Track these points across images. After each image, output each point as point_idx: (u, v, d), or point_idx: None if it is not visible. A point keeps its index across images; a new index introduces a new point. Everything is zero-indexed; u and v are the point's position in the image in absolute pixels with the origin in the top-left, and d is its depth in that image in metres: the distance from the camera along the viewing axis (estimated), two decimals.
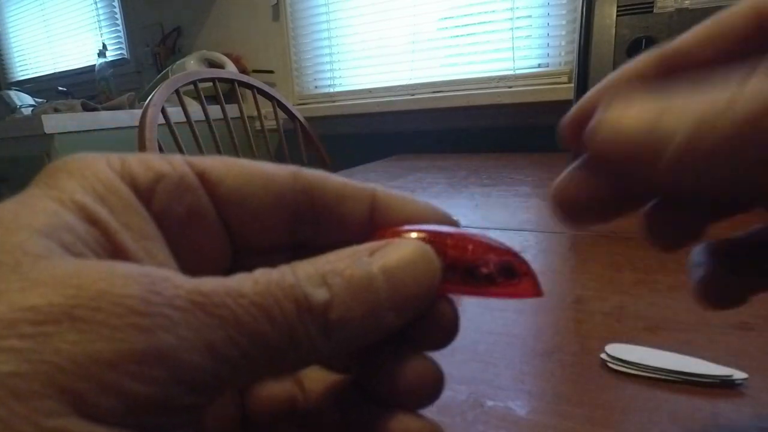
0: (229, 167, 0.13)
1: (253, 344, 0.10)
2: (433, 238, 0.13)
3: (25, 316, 0.08)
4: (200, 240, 0.13)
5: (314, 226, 0.14)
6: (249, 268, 0.14)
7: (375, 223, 0.14)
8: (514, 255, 0.13)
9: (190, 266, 0.13)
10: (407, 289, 0.11)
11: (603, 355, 0.24)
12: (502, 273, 0.13)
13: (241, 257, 0.14)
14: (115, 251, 0.11)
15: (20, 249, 0.09)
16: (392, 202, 0.14)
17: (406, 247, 0.12)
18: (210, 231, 0.13)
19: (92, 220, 0.11)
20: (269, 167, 0.14)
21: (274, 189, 0.13)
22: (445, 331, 0.13)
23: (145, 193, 0.12)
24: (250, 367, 0.10)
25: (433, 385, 0.13)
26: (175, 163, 0.13)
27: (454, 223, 0.14)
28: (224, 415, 0.14)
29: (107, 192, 0.12)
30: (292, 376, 0.15)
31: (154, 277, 0.09)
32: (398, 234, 0.13)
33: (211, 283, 0.10)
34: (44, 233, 0.10)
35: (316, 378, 0.15)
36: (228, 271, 0.14)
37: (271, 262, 0.14)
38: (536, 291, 0.13)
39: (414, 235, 0.13)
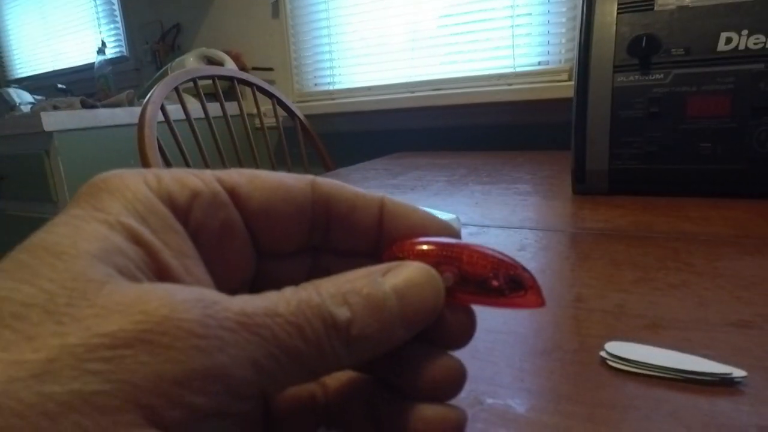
0: (255, 182, 0.14)
1: (288, 358, 0.11)
2: (448, 253, 0.14)
3: (103, 341, 0.10)
4: (230, 251, 0.14)
5: (328, 232, 0.15)
6: (271, 272, 0.15)
7: (383, 229, 0.15)
8: (522, 269, 0.14)
9: (220, 275, 0.14)
10: (415, 307, 0.13)
11: (602, 353, 0.24)
12: (511, 285, 0.14)
13: (263, 262, 0.15)
14: (159, 269, 0.12)
15: (84, 276, 0.10)
16: (400, 211, 0.15)
17: (415, 269, 0.13)
18: (238, 242, 0.14)
19: (137, 241, 0.12)
20: (289, 179, 0.15)
21: (295, 201, 0.15)
22: (461, 335, 0.15)
23: (182, 210, 0.13)
24: (286, 377, 0.11)
25: (456, 380, 0.14)
26: (207, 180, 0.14)
27: (456, 233, 0.15)
28: (251, 412, 0.14)
29: (147, 212, 0.13)
30: None
31: (207, 300, 0.11)
32: (414, 246, 0.14)
33: (252, 304, 0.11)
34: (100, 258, 0.11)
35: (336, 375, 0.16)
36: (253, 277, 0.15)
37: (290, 265, 0.16)
38: (540, 302, 0.15)
39: (425, 247, 0.14)
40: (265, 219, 0.15)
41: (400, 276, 0.13)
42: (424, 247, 0.14)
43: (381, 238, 0.15)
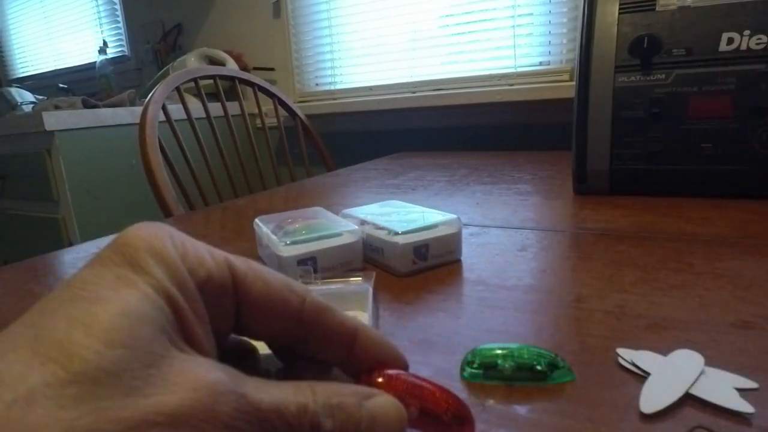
0: (259, 280, 0.17)
1: None
2: (414, 391, 0.18)
3: (166, 417, 0.12)
4: (218, 324, 0.17)
5: (304, 343, 0.18)
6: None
7: (355, 352, 0.18)
8: (465, 407, 0.19)
9: None
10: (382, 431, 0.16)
11: (620, 360, 0.24)
12: (456, 420, 0.18)
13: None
14: (187, 335, 0.15)
15: (149, 348, 0.13)
16: (369, 341, 0.18)
17: (390, 403, 0.17)
18: (226, 320, 0.17)
19: (176, 308, 0.15)
20: (287, 292, 0.18)
21: (285, 313, 0.17)
22: None
23: (198, 286, 0.16)
24: None
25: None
26: (222, 267, 0.17)
27: (406, 364, 0.19)
28: None
29: (181, 281, 0.15)
30: None
31: (238, 394, 0.14)
32: (388, 379, 0.18)
33: (266, 401, 0.14)
34: (159, 328, 0.14)
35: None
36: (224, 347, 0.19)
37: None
38: None
39: (397, 382, 0.18)
40: (254, 312, 0.17)
41: (377, 404, 0.16)
42: (396, 381, 0.18)
43: (351, 358, 0.18)
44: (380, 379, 0.18)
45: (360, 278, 0.33)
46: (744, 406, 0.20)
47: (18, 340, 0.13)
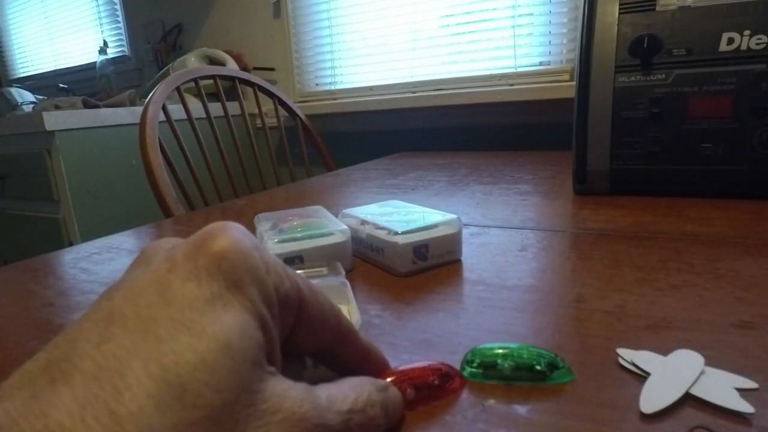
0: (315, 300, 0.19)
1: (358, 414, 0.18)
2: (403, 377, 0.22)
3: None
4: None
5: (327, 352, 0.21)
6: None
7: (369, 360, 0.22)
8: (447, 366, 0.23)
9: None
10: (394, 411, 0.20)
11: (620, 360, 0.24)
12: (443, 379, 0.22)
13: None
14: (271, 356, 0.16)
15: (249, 386, 0.14)
16: (376, 356, 0.22)
17: (397, 392, 0.21)
18: (283, 333, 0.18)
19: (266, 332, 0.16)
20: (330, 312, 0.20)
21: (329, 330, 0.20)
22: None
23: (278, 303, 0.17)
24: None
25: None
26: (295, 288, 0.18)
27: (388, 365, 0.23)
28: None
29: (270, 303, 0.16)
30: None
31: (321, 423, 0.16)
32: (392, 374, 0.22)
33: (341, 402, 0.17)
34: (255, 360, 0.15)
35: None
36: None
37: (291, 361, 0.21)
38: (463, 383, 0.23)
39: (393, 378, 0.22)
40: (310, 328, 0.19)
41: (393, 393, 0.21)
42: (392, 378, 0.22)
43: (365, 365, 0.22)
44: (389, 379, 0.22)
45: (323, 268, 0.33)
46: (744, 406, 0.20)
47: (128, 375, 0.13)
